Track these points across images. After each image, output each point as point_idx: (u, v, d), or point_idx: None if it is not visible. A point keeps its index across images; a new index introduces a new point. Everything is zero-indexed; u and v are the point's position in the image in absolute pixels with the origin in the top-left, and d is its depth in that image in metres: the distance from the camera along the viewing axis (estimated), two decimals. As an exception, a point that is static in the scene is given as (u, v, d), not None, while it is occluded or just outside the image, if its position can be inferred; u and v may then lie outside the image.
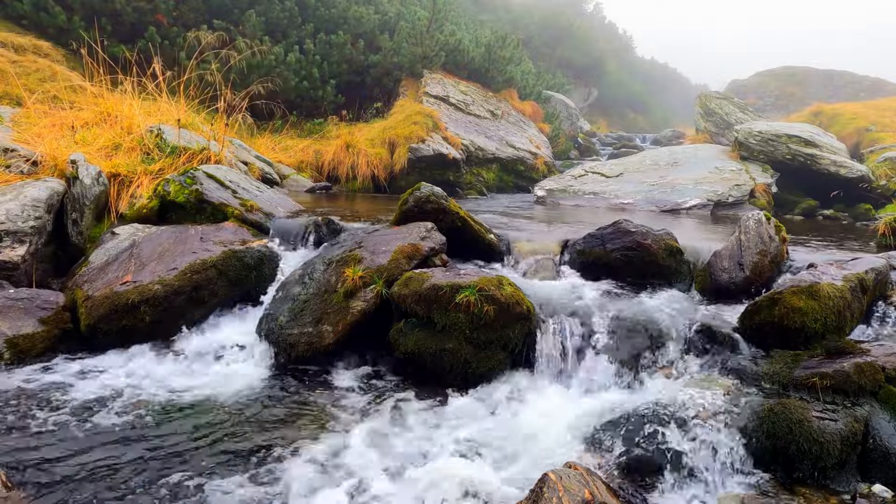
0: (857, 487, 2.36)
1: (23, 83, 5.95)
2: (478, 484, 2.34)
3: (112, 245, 4.02)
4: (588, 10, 30.22)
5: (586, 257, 3.97)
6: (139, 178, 4.68)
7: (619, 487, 2.36)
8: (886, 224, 5.08)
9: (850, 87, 20.65)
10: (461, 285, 3.20)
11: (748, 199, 7.79)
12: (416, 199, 4.07)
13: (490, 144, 9.56)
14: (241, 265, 3.86)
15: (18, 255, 3.80)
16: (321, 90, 9.50)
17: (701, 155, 9.32)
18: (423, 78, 10.21)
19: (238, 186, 4.82)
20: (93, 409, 2.81)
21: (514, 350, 3.22)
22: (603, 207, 7.43)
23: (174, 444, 2.55)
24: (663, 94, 30.71)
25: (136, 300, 3.46)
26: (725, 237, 4.20)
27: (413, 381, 3.25)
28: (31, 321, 3.38)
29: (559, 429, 2.74)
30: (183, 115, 5.73)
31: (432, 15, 10.92)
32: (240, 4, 9.48)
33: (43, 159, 4.49)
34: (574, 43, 23.36)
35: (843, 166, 8.04)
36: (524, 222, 5.36)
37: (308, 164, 8.07)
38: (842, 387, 2.56)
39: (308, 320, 3.40)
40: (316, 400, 3.05)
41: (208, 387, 3.11)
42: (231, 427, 2.72)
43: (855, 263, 3.42)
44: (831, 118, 12.40)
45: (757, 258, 3.61)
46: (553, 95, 15.02)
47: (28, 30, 7.57)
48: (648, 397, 2.79)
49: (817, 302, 2.88)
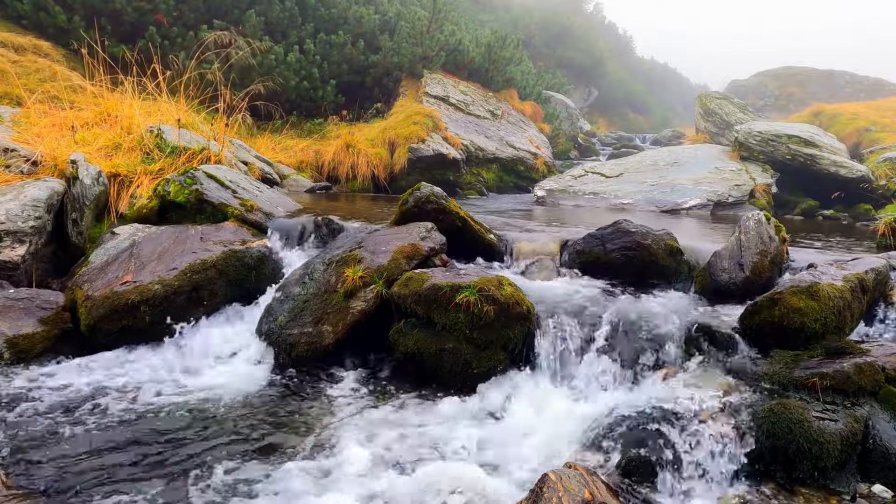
0: (857, 488, 2.37)
1: (23, 83, 5.95)
2: (478, 484, 2.34)
3: (112, 245, 4.02)
4: (588, 10, 30.21)
5: (586, 257, 3.97)
6: (139, 178, 4.68)
7: (618, 487, 2.36)
8: (886, 224, 5.07)
9: (850, 87, 20.65)
10: (461, 285, 3.20)
11: (748, 199, 7.80)
12: (416, 199, 4.07)
13: (490, 144, 9.56)
14: (241, 265, 3.86)
15: (18, 255, 3.80)
16: (321, 90, 9.50)
17: (701, 155, 9.32)
18: (423, 78, 10.20)
19: (238, 186, 4.82)
20: (92, 408, 2.81)
21: (513, 350, 3.22)
22: (603, 208, 7.43)
23: (174, 443, 2.55)
24: (663, 94, 30.70)
25: (136, 300, 3.46)
26: (725, 237, 4.20)
27: (413, 381, 3.25)
28: (31, 321, 3.38)
29: (559, 429, 2.74)
30: (183, 114, 5.73)
31: (432, 15, 10.92)
32: (240, 4, 9.48)
33: (43, 159, 4.49)
34: (574, 43, 23.36)
35: (843, 166, 8.04)
36: (524, 222, 5.36)
37: (308, 164, 8.07)
38: (842, 387, 2.56)
39: (308, 320, 3.40)
40: (316, 400, 3.05)
41: (208, 387, 3.11)
42: (230, 427, 2.72)
43: (855, 263, 3.42)
44: (831, 118, 12.39)
45: (757, 258, 3.61)
46: (553, 95, 15.02)
47: (28, 30, 7.57)
48: (648, 397, 2.79)
49: (817, 302, 2.88)
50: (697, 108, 13.33)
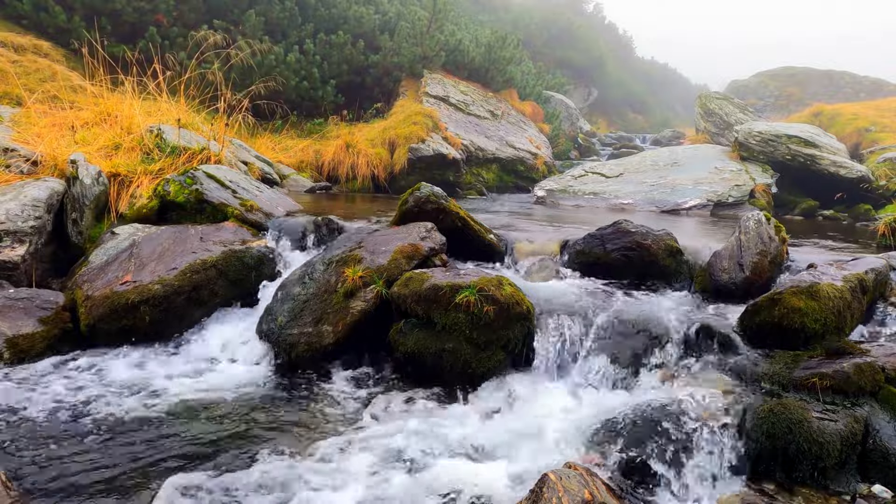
0: (857, 488, 2.37)
1: (23, 83, 5.95)
2: (477, 484, 2.35)
3: (112, 245, 4.02)
4: (588, 10, 30.23)
5: (586, 257, 3.97)
6: (139, 178, 4.68)
7: (618, 487, 2.36)
8: (886, 224, 5.08)
9: (850, 87, 20.63)
10: (461, 285, 3.20)
11: (748, 199, 7.80)
12: (416, 200, 4.07)
13: (490, 144, 9.56)
14: (241, 265, 3.86)
15: (18, 254, 3.80)
16: (321, 90, 9.50)
17: (701, 155, 9.32)
18: (423, 78, 10.21)
19: (238, 186, 4.82)
20: (92, 408, 2.81)
21: (513, 350, 3.22)
22: (603, 208, 7.43)
23: (173, 443, 2.55)
24: (663, 94, 30.70)
25: (136, 300, 3.46)
26: (725, 237, 4.20)
27: (413, 381, 3.25)
28: (31, 321, 3.38)
29: (559, 429, 2.74)
30: (183, 114, 5.73)
31: (432, 15, 10.92)
32: (240, 4, 9.48)
33: (43, 159, 4.49)
34: (574, 43, 23.36)
35: (843, 167, 8.04)
36: (524, 222, 5.36)
37: (308, 164, 8.07)
38: (841, 387, 2.56)
39: (308, 320, 3.40)
40: (315, 400, 3.05)
41: (208, 387, 3.11)
42: (230, 427, 2.72)
43: (855, 264, 3.42)
44: (831, 118, 12.39)
45: (757, 258, 3.61)
46: (553, 95, 15.02)
47: (28, 30, 7.56)
48: (648, 397, 2.79)
49: (817, 302, 2.88)
50: (697, 109, 13.33)
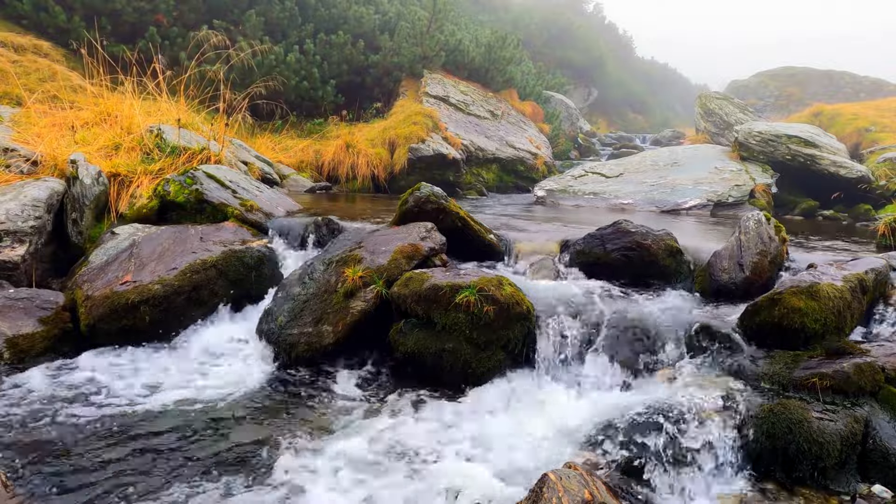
0: (857, 488, 2.37)
1: (23, 83, 5.95)
2: (477, 484, 2.34)
3: (112, 245, 4.02)
4: (588, 10, 30.21)
5: (586, 257, 3.97)
6: (139, 178, 4.68)
7: (618, 487, 2.36)
8: (886, 224, 5.08)
9: (850, 87, 20.61)
10: (461, 285, 3.20)
11: (748, 199, 7.79)
12: (416, 200, 4.07)
13: (490, 144, 9.56)
14: (241, 265, 3.86)
15: (18, 254, 3.80)
16: (321, 90, 9.50)
17: (701, 155, 9.32)
18: (423, 78, 10.20)
19: (238, 186, 4.82)
20: (91, 408, 2.81)
21: (513, 350, 3.22)
22: (603, 208, 7.43)
23: (173, 443, 2.55)
24: (663, 94, 30.69)
25: (136, 300, 3.46)
26: (725, 237, 4.20)
27: (413, 381, 3.25)
28: (31, 321, 3.38)
29: (559, 429, 2.74)
30: (183, 114, 5.73)
31: (432, 15, 10.92)
32: (240, 4, 9.47)
33: (43, 159, 4.49)
34: (574, 43, 23.35)
35: (843, 167, 8.04)
36: (524, 222, 5.36)
37: (308, 164, 8.07)
38: (841, 387, 2.56)
39: (308, 320, 3.40)
40: (315, 400, 3.05)
41: (208, 387, 3.11)
42: (229, 427, 2.72)
43: (855, 264, 3.42)
44: (831, 118, 12.38)
45: (757, 258, 3.61)
46: (553, 96, 15.01)
47: (28, 30, 7.56)
48: (648, 397, 2.79)
49: (817, 302, 2.88)
50: (697, 109, 13.33)
